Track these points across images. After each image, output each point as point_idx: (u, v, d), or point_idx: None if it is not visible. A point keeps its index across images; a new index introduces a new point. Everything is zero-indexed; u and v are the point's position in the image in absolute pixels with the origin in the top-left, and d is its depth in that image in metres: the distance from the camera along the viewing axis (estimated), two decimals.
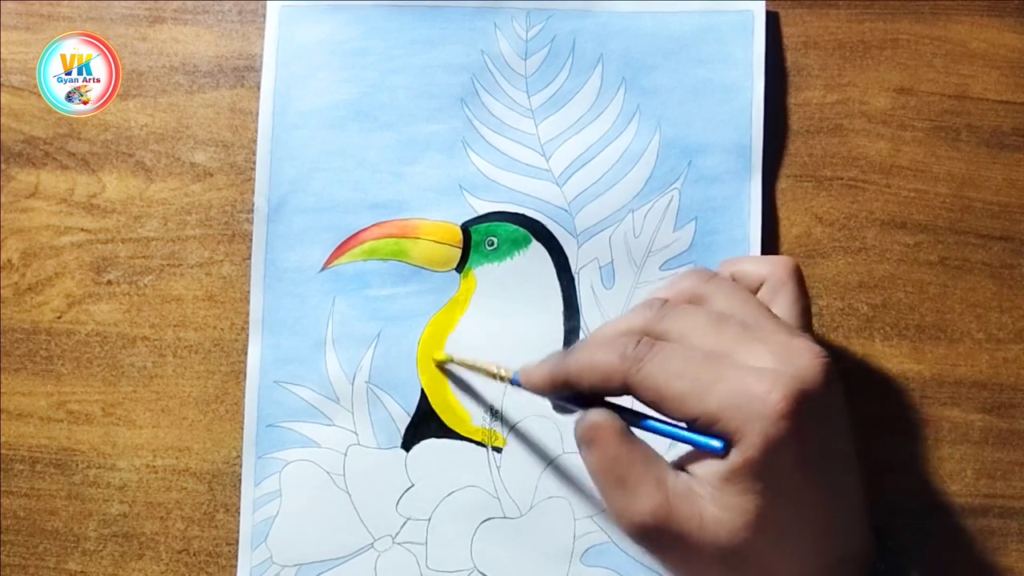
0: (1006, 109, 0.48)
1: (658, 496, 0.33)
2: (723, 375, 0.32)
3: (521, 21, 0.49)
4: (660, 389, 0.33)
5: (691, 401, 0.32)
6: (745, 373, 0.32)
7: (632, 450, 0.34)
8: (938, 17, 0.49)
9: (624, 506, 0.33)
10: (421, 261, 0.48)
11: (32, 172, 0.49)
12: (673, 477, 0.33)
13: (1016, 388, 0.47)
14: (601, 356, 0.34)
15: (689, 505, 0.32)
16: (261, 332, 0.47)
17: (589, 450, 0.35)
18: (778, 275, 0.39)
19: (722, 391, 0.31)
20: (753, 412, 0.31)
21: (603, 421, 0.35)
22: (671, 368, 0.33)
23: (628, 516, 0.33)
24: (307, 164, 0.48)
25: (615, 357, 0.34)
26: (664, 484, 0.33)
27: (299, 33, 0.49)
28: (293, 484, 0.47)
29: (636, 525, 0.33)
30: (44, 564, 0.47)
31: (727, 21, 0.48)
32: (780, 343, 0.33)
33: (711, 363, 0.32)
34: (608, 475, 0.34)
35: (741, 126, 0.48)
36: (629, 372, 0.33)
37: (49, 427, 0.48)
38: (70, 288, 0.49)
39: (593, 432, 0.35)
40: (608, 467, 0.34)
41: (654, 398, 0.33)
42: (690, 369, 0.32)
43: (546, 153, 0.48)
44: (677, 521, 0.32)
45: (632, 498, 0.33)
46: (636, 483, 0.33)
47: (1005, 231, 0.47)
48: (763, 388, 0.31)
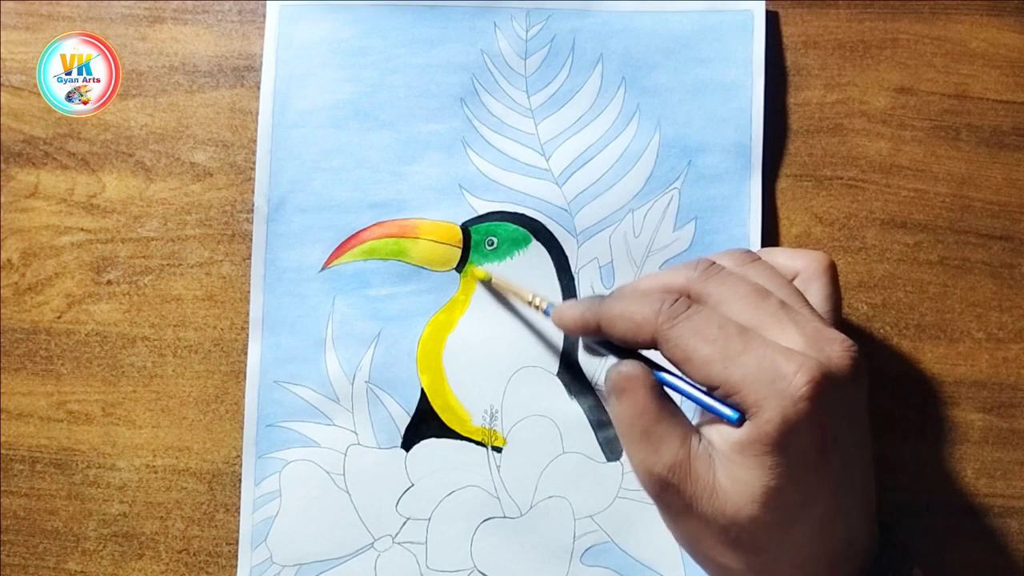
0: (1006, 109, 0.48)
1: (681, 453, 0.33)
2: (752, 348, 0.32)
3: (521, 20, 0.49)
4: (688, 350, 0.33)
5: (715, 367, 0.32)
6: (774, 350, 0.32)
7: (662, 405, 0.34)
8: (938, 17, 0.49)
9: (645, 457, 0.34)
10: (421, 261, 0.48)
11: (32, 172, 0.49)
12: (695, 438, 0.34)
13: (1016, 387, 0.47)
14: (636, 307, 0.35)
15: (705, 469, 0.33)
16: (261, 332, 0.47)
17: (620, 399, 0.35)
18: (812, 269, 0.39)
19: (748, 363, 0.32)
20: (775, 389, 0.31)
21: (637, 373, 0.35)
22: (703, 331, 0.33)
23: (648, 467, 0.34)
24: (307, 164, 0.48)
25: (650, 310, 0.34)
26: (687, 442, 0.34)
27: (299, 32, 0.49)
28: (293, 484, 0.47)
29: (655, 476, 0.33)
30: (44, 564, 0.47)
31: (727, 21, 0.48)
32: (814, 329, 0.33)
33: (743, 334, 0.32)
34: (635, 426, 0.34)
35: (741, 126, 0.48)
36: (661, 327, 0.34)
37: (49, 427, 0.48)
38: (70, 288, 0.49)
39: (626, 382, 0.35)
40: (636, 418, 0.34)
41: (680, 357, 0.33)
42: (721, 336, 0.32)
43: (546, 153, 0.48)
44: (692, 480, 0.33)
45: (655, 451, 0.34)
46: (662, 436, 0.34)
47: (1005, 231, 0.47)
48: (790, 368, 0.31)
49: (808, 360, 0.31)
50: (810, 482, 0.32)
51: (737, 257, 0.38)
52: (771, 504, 0.32)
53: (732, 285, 0.35)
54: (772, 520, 0.32)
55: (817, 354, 0.32)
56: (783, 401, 0.31)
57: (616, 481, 0.46)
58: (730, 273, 0.36)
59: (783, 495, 0.32)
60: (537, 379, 0.47)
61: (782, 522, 0.32)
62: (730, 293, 0.34)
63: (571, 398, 0.47)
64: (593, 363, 0.47)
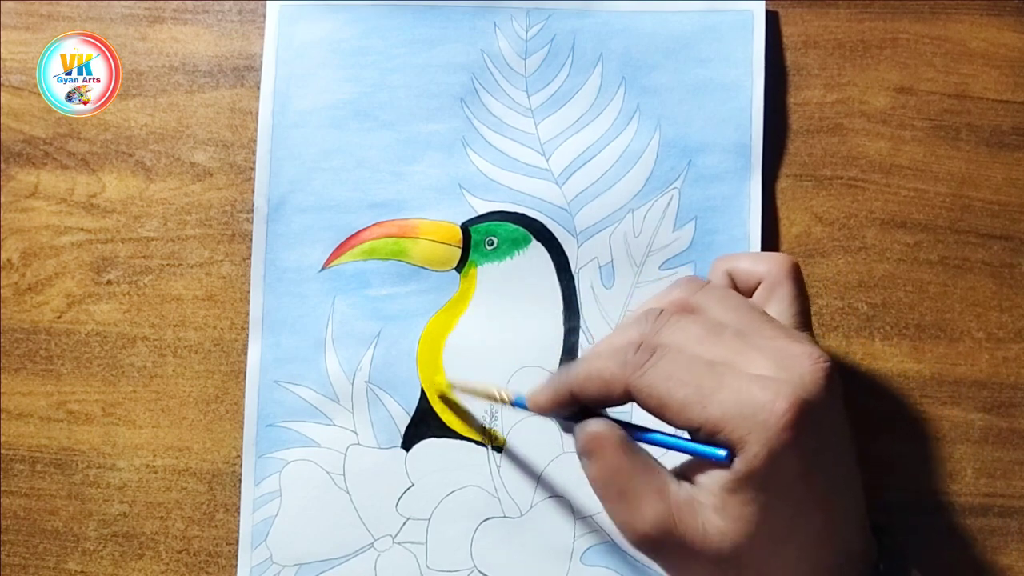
0: (1006, 108, 0.48)
1: (660, 507, 0.32)
2: (725, 383, 0.31)
3: (521, 20, 0.49)
4: (662, 396, 0.32)
5: (694, 409, 0.32)
6: (748, 381, 0.31)
7: (633, 460, 0.34)
8: (938, 16, 0.49)
9: (627, 517, 0.33)
10: (421, 261, 0.48)
11: (32, 172, 0.49)
12: (675, 486, 0.33)
13: (1016, 387, 0.47)
14: (602, 364, 0.34)
15: (691, 515, 0.32)
16: (261, 332, 0.47)
17: (590, 461, 0.34)
18: (775, 274, 0.39)
19: (725, 399, 0.31)
20: (757, 421, 0.30)
21: (603, 431, 0.34)
22: (674, 375, 0.32)
23: (631, 527, 0.33)
24: (307, 164, 0.48)
25: (616, 364, 0.34)
26: (666, 494, 0.33)
27: (299, 32, 0.49)
28: (293, 484, 0.47)
29: (640, 535, 0.33)
30: (44, 564, 0.47)
31: (727, 20, 0.48)
32: (778, 350, 0.33)
33: (713, 370, 0.32)
34: (609, 486, 0.34)
35: (741, 125, 0.48)
36: (631, 378, 0.33)
37: (49, 427, 0.48)
38: (70, 288, 0.49)
39: (593, 443, 0.34)
40: (609, 478, 0.34)
41: (656, 405, 0.33)
42: (693, 376, 0.32)
43: (546, 153, 0.48)
44: (680, 531, 0.32)
45: (635, 509, 0.33)
46: (638, 494, 0.33)
47: (1005, 230, 0.47)
48: (766, 397, 0.31)
49: (783, 385, 0.31)
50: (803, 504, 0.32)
51: (686, 285, 0.37)
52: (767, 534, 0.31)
53: (685, 328, 0.34)
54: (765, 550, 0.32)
55: (788, 375, 0.31)
56: (767, 433, 0.30)
57: None
58: (680, 317, 0.35)
59: (778, 522, 0.32)
60: (537, 379, 0.47)
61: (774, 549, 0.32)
62: (684, 337, 0.34)
63: None
64: None
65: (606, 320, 0.47)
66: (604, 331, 0.47)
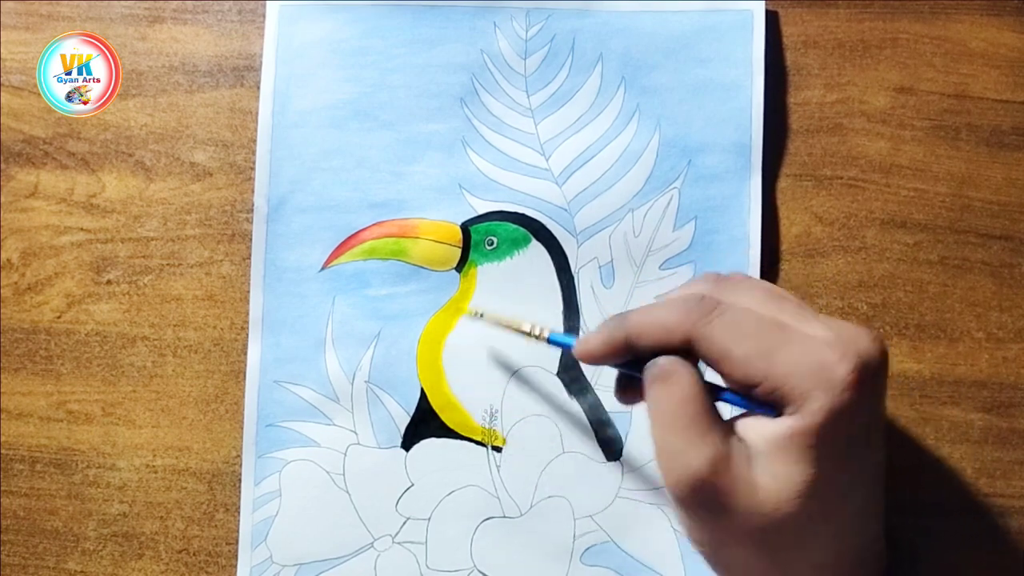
0: (1006, 108, 0.48)
1: (721, 448, 0.32)
2: (792, 340, 0.32)
3: (521, 20, 0.49)
4: (727, 346, 0.32)
5: (757, 363, 0.32)
6: (815, 342, 0.31)
7: (704, 398, 0.33)
8: (937, 16, 0.49)
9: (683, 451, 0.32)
10: (421, 260, 0.48)
11: (32, 172, 0.49)
12: (736, 437, 0.33)
13: (1016, 387, 0.47)
14: (665, 312, 0.34)
15: (745, 467, 0.32)
16: (261, 331, 0.47)
17: (664, 385, 0.34)
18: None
19: (791, 355, 0.31)
20: (822, 379, 0.31)
21: (680, 365, 0.34)
22: (740, 327, 0.32)
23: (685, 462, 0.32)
24: (307, 163, 0.48)
25: (681, 312, 0.33)
26: (728, 439, 0.33)
27: (299, 32, 0.49)
28: (293, 484, 0.47)
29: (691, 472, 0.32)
30: (44, 564, 0.47)
31: (727, 20, 0.48)
32: (838, 323, 0.33)
33: (781, 329, 0.32)
34: (677, 416, 0.33)
35: (741, 125, 0.48)
36: (695, 326, 0.33)
37: (49, 427, 0.48)
38: (70, 288, 0.49)
39: (668, 373, 0.34)
40: (680, 407, 0.33)
41: (718, 356, 0.33)
42: (759, 331, 0.32)
43: (546, 152, 0.48)
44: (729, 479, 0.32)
45: (695, 445, 0.32)
46: (704, 430, 0.32)
47: (1005, 230, 0.47)
48: (833, 357, 0.31)
49: (849, 348, 0.31)
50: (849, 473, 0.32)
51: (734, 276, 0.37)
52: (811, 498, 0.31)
53: (747, 290, 0.34)
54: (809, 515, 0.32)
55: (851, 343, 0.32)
56: (831, 391, 0.30)
57: (616, 481, 0.46)
58: (741, 279, 0.35)
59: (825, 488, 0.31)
60: (537, 379, 0.47)
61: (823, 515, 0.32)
62: (748, 297, 0.34)
63: (571, 398, 0.47)
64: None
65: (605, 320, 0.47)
66: None
